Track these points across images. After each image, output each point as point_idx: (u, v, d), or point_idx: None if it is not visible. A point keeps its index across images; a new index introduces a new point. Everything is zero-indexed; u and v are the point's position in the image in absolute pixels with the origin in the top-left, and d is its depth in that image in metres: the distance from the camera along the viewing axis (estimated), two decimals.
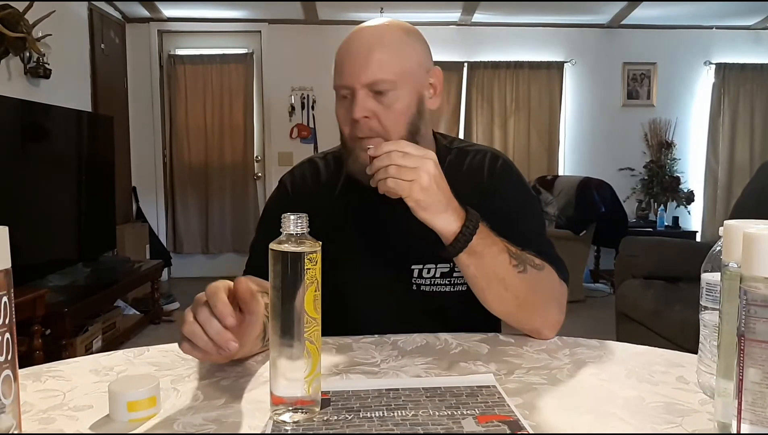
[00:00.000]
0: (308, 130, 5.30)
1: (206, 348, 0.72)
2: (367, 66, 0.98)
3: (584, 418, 0.67)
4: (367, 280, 1.08)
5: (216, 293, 0.72)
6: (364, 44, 1.01)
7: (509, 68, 5.35)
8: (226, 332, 0.71)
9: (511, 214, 1.04)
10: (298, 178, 1.16)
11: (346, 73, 1.00)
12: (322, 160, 1.18)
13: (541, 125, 5.42)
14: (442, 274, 1.06)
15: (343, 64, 1.01)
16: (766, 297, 0.52)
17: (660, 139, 5.37)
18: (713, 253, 0.70)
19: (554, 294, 1.00)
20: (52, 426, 0.66)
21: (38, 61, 3.47)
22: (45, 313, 2.65)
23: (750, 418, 0.54)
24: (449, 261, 1.05)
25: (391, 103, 1.00)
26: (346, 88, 1.00)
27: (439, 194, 0.88)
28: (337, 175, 1.14)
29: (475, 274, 0.93)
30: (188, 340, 0.73)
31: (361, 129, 0.99)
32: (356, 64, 0.99)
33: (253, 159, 5.37)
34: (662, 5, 4.84)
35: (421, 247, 1.06)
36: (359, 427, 0.65)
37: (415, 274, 1.07)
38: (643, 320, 2.61)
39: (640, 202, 5.37)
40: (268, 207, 1.19)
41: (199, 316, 0.72)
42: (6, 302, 0.56)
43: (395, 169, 0.86)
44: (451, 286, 1.07)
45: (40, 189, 3.14)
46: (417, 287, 1.07)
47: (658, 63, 5.40)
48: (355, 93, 0.99)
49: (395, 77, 0.99)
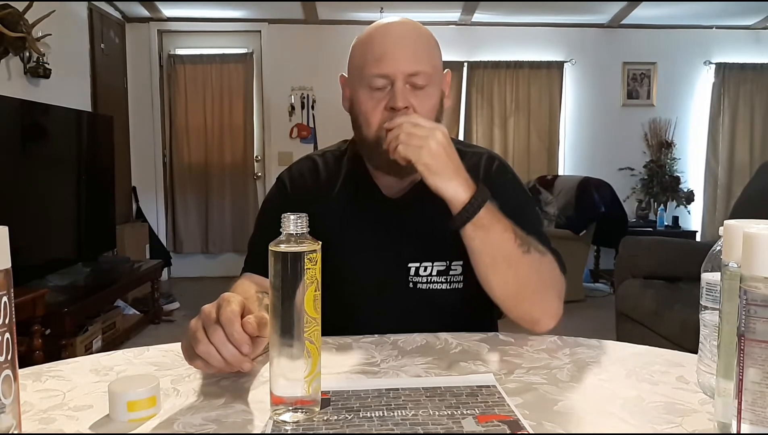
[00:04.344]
0: (308, 129, 5.30)
1: (220, 367, 0.73)
2: (410, 56, 0.99)
3: (584, 418, 0.67)
4: (363, 278, 1.08)
5: (232, 323, 0.71)
6: (405, 35, 1.02)
7: (509, 68, 5.35)
8: (241, 356, 0.72)
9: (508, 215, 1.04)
10: (297, 175, 1.15)
11: (387, 62, 0.98)
12: (320, 157, 1.17)
13: (540, 125, 5.42)
14: (439, 271, 1.07)
15: (383, 53, 0.99)
16: (766, 297, 0.52)
17: (660, 139, 5.37)
18: (713, 252, 0.70)
19: (555, 283, 1.00)
20: (52, 426, 0.66)
21: (38, 60, 3.47)
22: (45, 313, 2.64)
23: (750, 418, 0.54)
24: (446, 259, 1.06)
25: (426, 98, 1.01)
26: (385, 77, 0.99)
27: (449, 161, 0.91)
28: (336, 173, 1.14)
29: (480, 248, 0.94)
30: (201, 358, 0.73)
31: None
32: (398, 53, 0.99)
33: (253, 159, 5.37)
34: (662, 5, 4.84)
35: (417, 245, 1.06)
36: (359, 426, 0.65)
37: (412, 272, 1.07)
38: (643, 320, 2.61)
39: (640, 202, 5.37)
40: (266, 204, 1.18)
41: (214, 338, 0.71)
42: (6, 302, 0.56)
43: (406, 135, 0.91)
44: (448, 284, 1.07)
45: (40, 189, 3.13)
46: (414, 285, 1.07)
47: (658, 63, 5.40)
48: (395, 83, 0.98)
49: (432, 71, 1.01)
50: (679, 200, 5.29)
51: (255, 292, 0.96)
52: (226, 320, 0.71)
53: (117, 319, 3.54)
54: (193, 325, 0.74)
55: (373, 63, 0.99)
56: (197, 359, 0.73)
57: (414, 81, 0.99)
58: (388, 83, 0.99)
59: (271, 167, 5.30)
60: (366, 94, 1.01)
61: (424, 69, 0.99)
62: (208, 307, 0.74)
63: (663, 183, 5.25)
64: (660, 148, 5.35)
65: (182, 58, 5.27)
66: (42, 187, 3.16)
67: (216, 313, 0.73)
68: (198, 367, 0.75)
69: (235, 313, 0.72)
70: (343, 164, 1.15)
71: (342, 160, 1.15)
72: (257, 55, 5.31)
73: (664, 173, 5.28)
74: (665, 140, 5.36)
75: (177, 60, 5.27)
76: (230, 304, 0.72)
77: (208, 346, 0.72)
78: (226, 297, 0.74)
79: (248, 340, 0.71)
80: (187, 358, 0.76)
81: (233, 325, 0.71)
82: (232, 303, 0.73)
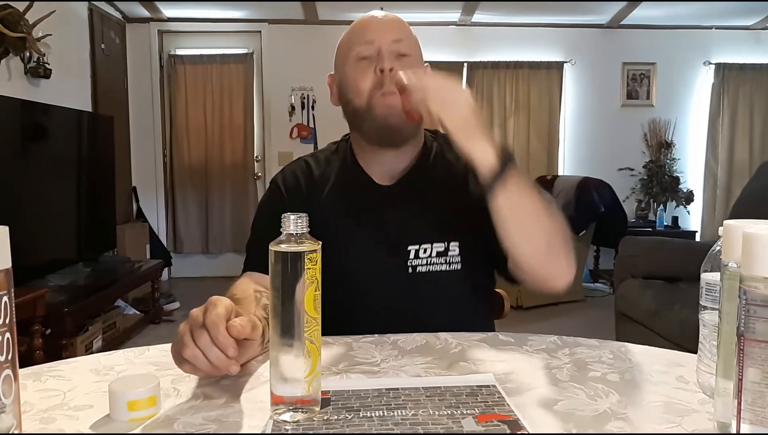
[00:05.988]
0: (308, 130, 5.30)
1: (207, 371, 0.73)
2: (393, 28, 1.07)
3: (584, 418, 0.67)
4: (362, 269, 1.09)
5: (216, 326, 0.70)
6: (385, 18, 1.10)
7: (509, 68, 5.36)
8: (228, 359, 0.71)
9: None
10: (290, 177, 1.17)
11: (372, 34, 1.06)
12: (312, 158, 1.20)
13: (540, 125, 5.42)
14: (438, 253, 1.08)
15: (366, 29, 1.08)
16: (765, 297, 0.52)
17: (659, 139, 5.37)
18: (713, 252, 0.71)
19: (570, 243, 1.00)
20: (53, 426, 0.66)
21: (38, 61, 3.47)
22: (45, 313, 2.64)
23: (749, 417, 0.54)
24: (444, 240, 1.08)
25: (410, 65, 1.04)
26: (371, 43, 1.05)
27: (478, 121, 0.91)
28: (328, 171, 1.16)
29: (511, 208, 0.92)
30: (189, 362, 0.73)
31: (389, 81, 1.02)
32: (381, 26, 1.08)
33: (253, 159, 5.37)
34: (662, 5, 4.84)
35: (415, 228, 1.08)
36: (359, 426, 0.65)
37: (411, 255, 1.08)
38: (643, 320, 2.61)
39: (639, 202, 5.37)
40: (261, 207, 1.19)
41: (200, 342, 0.71)
42: (6, 302, 0.56)
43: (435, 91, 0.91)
44: (447, 265, 1.08)
45: (40, 189, 3.14)
46: (413, 269, 1.08)
47: (658, 63, 5.40)
48: (381, 51, 1.04)
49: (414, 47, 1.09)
50: (679, 200, 5.29)
51: (253, 292, 0.97)
52: (211, 324, 0.70)
53: (117, 319, 3.54)
54: (182, 329, 0.74)
55: (360, 37, 1.07)
56: (185, 363, 0.73)
57: (398, 48, 1.05)
58: (374, 51, 1.05)
59: (272, 167, 5.30)
60: (354, 67, 1.07)
61: (406, 39, 1.07)
62: (195, 311, 0.74)
63: (662, 183, 5.25)
64: (659, 149, 5.35)
65: (182, 58, 5.27)
66: (42, 187, 3.16)
67: (202, 316, 0.72)
68: (186, 370, 0.75)
69: (221, 317, 0.71)
70: (334, 160, 1.17)
71: (333, 158, 1.18)
72: (257, 56, 5.31)
73: (663, 173, 5.28)
74: (665, 140, 5.36)
75: (177, 60, 5.27)
76: (216, 308, 0.72)
77: (195, 349, 0.71)
78: (213, 300, 0.74)
79: (233, 343, 0.70)
80: (176, 361, 0.75)
81: (218, 329, 0.70)
82: (218, 306, 0.72)
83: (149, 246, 4.91)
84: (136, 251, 4.58)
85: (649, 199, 5.34)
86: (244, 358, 0.80)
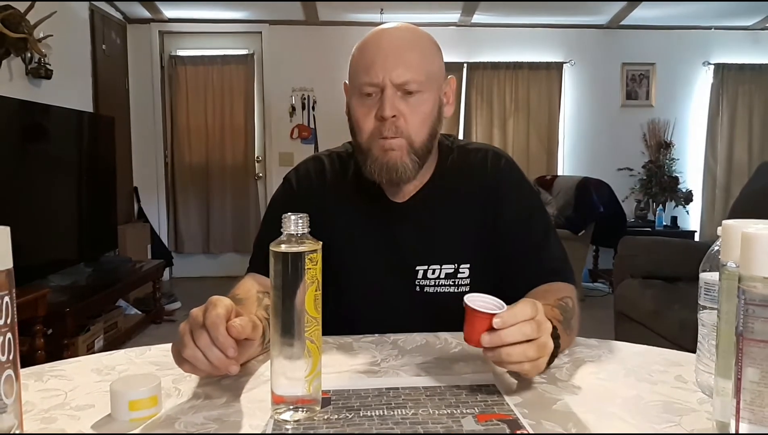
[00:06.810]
0: (309, 130, 5.30)
1: (207, 371, 0.73)
2: (400, 64, 0.98)
3: (584, 418, 0.67)
4: (369, 283, 1.08)
5: (216, 327, 0.70)
6: (396, 43, 1.00)
7: (508, 69, 5.35)
8: (227, 359, 0.71)
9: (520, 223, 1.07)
10: (303, 175, 1.15)
11: (376, 71, 0.98)
12: (327, 157, 1.17)
13: (540, 126, 5.42)
14: (447, 274, 1.06)
15: (372, 62, 0.99)
16: (764, 296, 0.53)
17: (659, 140, 5.37)
18: (712, 252, 0.71)
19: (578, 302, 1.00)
20: (54, 425, 0.67)
21: (39, 61, 3.47)
22: (47, 313, 2.64)
23: (748, 417, 0.54)
24: (454, 262, 1.06)
25: (418, 104, 1.00)
26: (374, 85, 0.99)
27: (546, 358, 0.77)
28: (342, 175, 1.14)
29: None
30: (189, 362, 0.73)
31: (387, 128, 0.98)
32: (388, 61, 0.98)
33: (254, 159, 5.37)
34: (661, 5, 4.84)
35: (425, 248, 1.06)
36: (359, 425, 0.65)
37: (420, 275, 1.06)
38: (642, 320, 2.61)
39: (638, 202, 5.37)
40: (272, 203, 1.18)
41: (199, 342, 0.71)
42: (8, 302, 0.56)
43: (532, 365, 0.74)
44: (455, 287, 1.06)
45: (41, 189, 3.14)
46: (421, 289, 1.07)
47: (657, 63, 5.40)
48: (384, 91, 0.98)
49: (425, 78, 0.99)
50: (678, 200, 5.29)
51: (256, 293, 0.97)
52: (210, 324, 0.71)
53: (119, 319, 3.54)
54: (182, 329, 0.74)
55: (364, 71, 1.00)
56: (185, 363, 0.73)
57: (406, 86, 0.98)
58: (377, 91, 0.99)
59: (272, 168, 5.30)
60: (358, 101, 1.02)
61: (414, 77, 0.98)
62: (195, 311, 0.74)
63: (662, 183, 5.25)
64: (659, 149, 5.35)
65: (183, 59, 5.28)
66: (44, 187, 3.16)
67: (202, 316, 0.72)
68: (186, 370, 0.75)
69: (220, 317, 0.71)
70: (349, 166, 1.14)
71: (349, 162, 1.14)
72: (258, 56, 5.31)
73: (662, 173, 5.28)
74: (664, 141, 5.36)
75: (178, 61, 5.27)
76: (216, 308, 0.72)
77: (195, 350, 0.71)
78: (213, 300, 0.74)
79: (233, 343, 0.71)
80: (177, 361, 0.75)
81: (218, 329, 0.70)
82: (218, 306, 0.72)
83: (150, 246, 4.91)
84: (137, 251, 4.58)
85: (648, 199, 5.34)
86: (244, 358, 0.81)
